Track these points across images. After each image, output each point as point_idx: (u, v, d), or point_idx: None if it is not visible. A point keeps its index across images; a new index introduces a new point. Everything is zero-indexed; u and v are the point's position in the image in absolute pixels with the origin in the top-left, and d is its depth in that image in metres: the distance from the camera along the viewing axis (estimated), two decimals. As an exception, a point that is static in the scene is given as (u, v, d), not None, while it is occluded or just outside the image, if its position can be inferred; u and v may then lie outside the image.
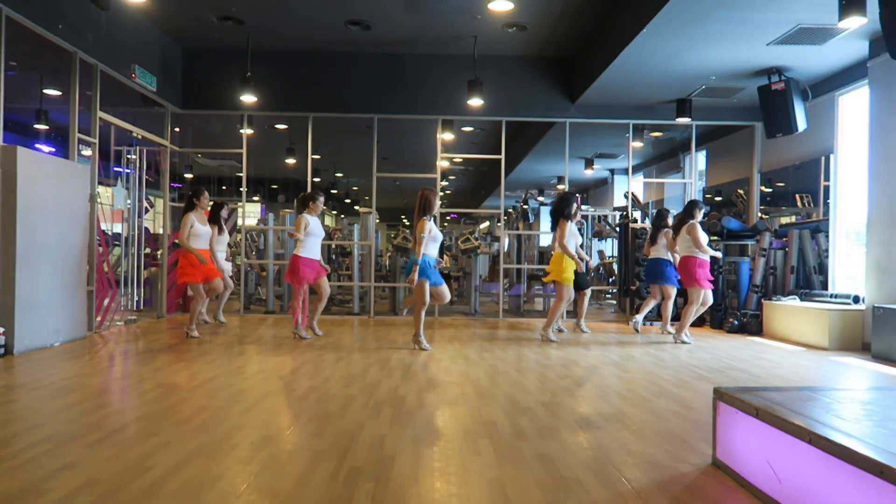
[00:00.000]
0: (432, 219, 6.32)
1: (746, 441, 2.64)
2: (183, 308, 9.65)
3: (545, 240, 14.47)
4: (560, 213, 7.13)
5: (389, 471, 2.75)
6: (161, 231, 9.83)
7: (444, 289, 6.40)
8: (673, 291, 7.61)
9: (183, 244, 6.91)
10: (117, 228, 9.14)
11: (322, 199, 7.13)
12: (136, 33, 8.19)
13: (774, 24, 6.44)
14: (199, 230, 6.97)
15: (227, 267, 8.19)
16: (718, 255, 7.52)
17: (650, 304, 8.08)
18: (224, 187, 20.18)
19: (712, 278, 7.20)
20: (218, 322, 8.21)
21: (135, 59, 8.02)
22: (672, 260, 7.55)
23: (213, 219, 7.79)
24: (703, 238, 7.03)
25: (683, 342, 7.00)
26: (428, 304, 6.30)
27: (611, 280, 12.76)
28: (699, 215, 7.19)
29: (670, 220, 7.76)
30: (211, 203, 7.80)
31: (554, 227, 7.22)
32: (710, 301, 7.12)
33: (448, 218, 18.73)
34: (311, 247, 6.89)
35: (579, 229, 8.25)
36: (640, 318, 8.08)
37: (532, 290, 11.74)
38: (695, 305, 7.00)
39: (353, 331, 7.80)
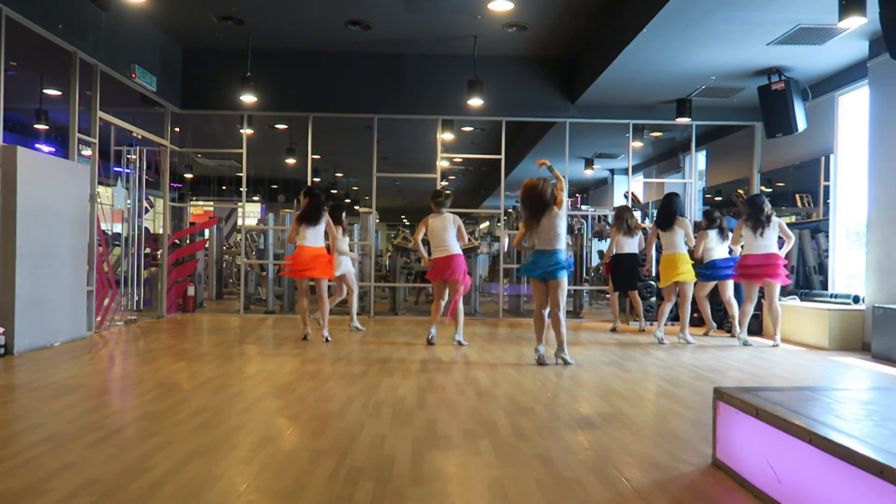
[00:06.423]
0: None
1: (746, 441, 2.64)
2: (183, 308, 9.65)
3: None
4: (677, 212, 7.01)
5: (389, 471, 2.75)
6: (161, 231, 9.83)
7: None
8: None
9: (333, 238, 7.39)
10: (117, 228, 9.14)
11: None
12: (136, 33, 8.19)
13: (774, 24, 6.43)
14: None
15: (352, 269, 7.91)
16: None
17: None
18: (224, 187, 20.17)
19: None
20: (355, 329, 7.85)
21: (135, 59, 8.02)
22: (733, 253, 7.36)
23: (336, 219, 7.65)
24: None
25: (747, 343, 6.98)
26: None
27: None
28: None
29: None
30: (331, 204, 7.65)
31: (666, 227, 6.99)
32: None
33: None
34: None
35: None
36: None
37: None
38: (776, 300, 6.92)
39: (353, 330, 7.79)
